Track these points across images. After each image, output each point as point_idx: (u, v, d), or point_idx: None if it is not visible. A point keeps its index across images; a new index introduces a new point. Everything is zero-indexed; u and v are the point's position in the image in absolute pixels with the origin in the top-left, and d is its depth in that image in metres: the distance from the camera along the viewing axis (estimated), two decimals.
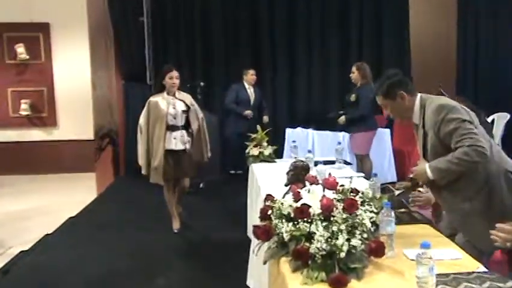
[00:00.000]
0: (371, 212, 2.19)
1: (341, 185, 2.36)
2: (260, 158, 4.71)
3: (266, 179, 3.92)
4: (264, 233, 2.24)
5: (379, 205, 2.30)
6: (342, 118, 6.33)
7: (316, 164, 4.00)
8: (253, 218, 3.88)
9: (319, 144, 7.00)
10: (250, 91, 7.21)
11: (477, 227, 2.58)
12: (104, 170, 8.17)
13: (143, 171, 5.11)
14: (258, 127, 4.92)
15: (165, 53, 8.38)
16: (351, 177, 2.39)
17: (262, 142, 4.76)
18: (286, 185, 2.95)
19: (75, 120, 8.58)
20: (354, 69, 6.26)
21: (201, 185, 6.92)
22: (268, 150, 4.72)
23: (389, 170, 7.00)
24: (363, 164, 6.28)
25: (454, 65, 8.57)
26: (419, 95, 2.80)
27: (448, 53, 8.47)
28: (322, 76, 8.43)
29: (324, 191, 2.32)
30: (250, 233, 3.77)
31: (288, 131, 7.25)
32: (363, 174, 3.97)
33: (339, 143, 4.48)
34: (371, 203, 2.28)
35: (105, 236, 5.39)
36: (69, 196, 7.20)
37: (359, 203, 2.20)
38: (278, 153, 5.19)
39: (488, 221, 2.41)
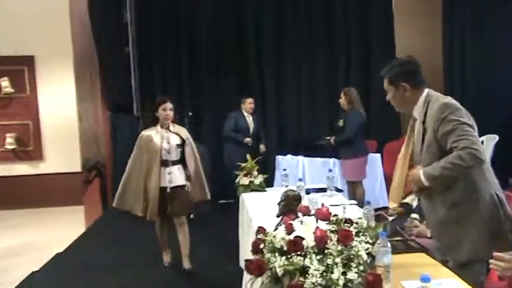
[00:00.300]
0: (366, 242, 2.12)
1: (334, 215, 2.29)
2: (251, 188, 4.62)
3: (257, 210, 3.83)
4: (257, 268, 2.15)
5: (375, 235, 2.22)
6: (332, 139, 6.36)
7: (307, 192, 3.93)
8: (245, 250, 3.79)
9: (309, 171, 6.95)
10: (249, 119, 7.15)
11: (453, 235, 2.62)
12: (92, 203, 8.03)
13: (138, 212, 4.85)
14: (248, 156, 4.84)
15: (151, 83, 8.34)
16: (344, 206, 2.32)
17: (252, 171, 4.68)
18: (277, 216, 2.87)
19: (61, 153, 8.48)
20: (341, 94, 6.30)
21: (192, 216, 6.80)
22: (258, 179, 4.63)
23: (380, 195, 6.94)
24: (355, 191, 6.22)
25: (441, 79, 8.61)
26: (426, 90, 2.74)
27: (435, 68, 8.52)
28: (311, 102, 8.43)
29: (317, 222, 2.24)
30: (242, 264, 3.68)
31: (278, 158, 7.20)
32: (355, 202, 3.90)
33: (330, 170, 4.43)
34: (366, 233, 2.20)
35: (93, 272, 5.24)
36: (58, 231, 7.04)
37: (354, 233, 2.12)
38: (269, 182, 5.11)
39: (465, 231, 2.52)
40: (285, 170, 4.76)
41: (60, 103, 8.41)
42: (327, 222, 2.24)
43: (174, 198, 4.81)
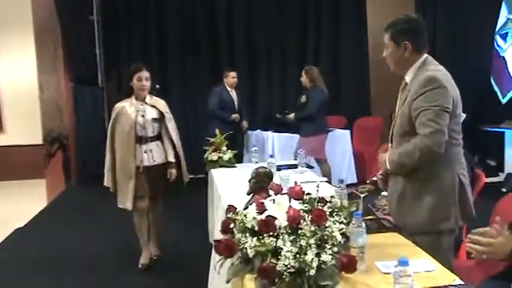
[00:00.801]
0: (340, 223, 2.04)
1: (307, 194, 2.20)
2: (219, 163, 4.51)
3: (226, 187, 3.73)
4: (227, 248, 2.05)
5: (349, 214, 2.15)
6: (291, 115, 6.36)
7: (278, 168, 3.85)
8: (215, 227, 3.70)
9: (279, 147, 6.88)
10: (233, 94, 6.79)
11: (410, 206, 2.57)
12: (55, 177, 7.80)
13: (111, 189, 4.29)
14: (217, 131, 4.71)
15: (117, 54, 8.05)
16: (317, 184, 2.23)
17: (221, 146, 4.56)
18: (248, 194, 2.77)
19: (22, 124, 8.18)
20: (302, 73, 6.29)
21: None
22: (227, 155, 4.52)
23: (349, 172, 6.94)
24: (321, 169, 6.18)
25: None
26: (425, 55, 2.60)
27: None
28: (282, 77, 8.27)
29: (290, 201, 2.15)
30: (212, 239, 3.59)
31: (248, 133, 7.08)
32: (326, 179, 3.84)
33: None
34: (340, 213, 2.12)
35: (54, 249, 5.07)
36: (18, 205, 6.82)
37: (327, 213, 2.04)
38: (238, 158, 4.99)
39: (423, 201, 2.50)
40: (254, 146, 4.64)
41: (20, 73, 8.10)
42: (300, 201, 2.15)
43: (153, 178, 4.24)
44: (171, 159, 4.25)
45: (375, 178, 4.31)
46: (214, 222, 3.79)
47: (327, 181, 3.81)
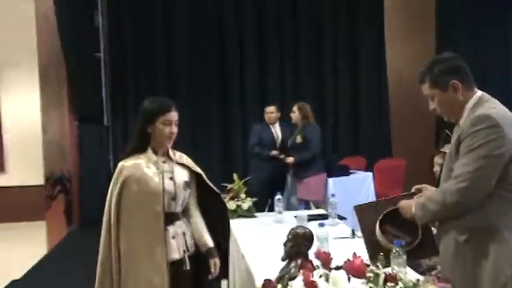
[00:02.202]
0: None
1: (370, 269, 1.75)
2: (238, 213, 4.05)
3: (249, 243, 3.27)
4: None
5: None
6: (290, 159, 5.81)
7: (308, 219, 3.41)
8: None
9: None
10: (274, 130, 6.21)
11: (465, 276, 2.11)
12: (56, 220, 7.42)
13: None
14: (235, 176, 4.26)
15: (124, 92, 7.71)
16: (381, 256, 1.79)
17: (239, 193, 4.12)
18: (283, 260, 2.32)
19: (24, 164, 7.82)
20: (294, 108, 5.87)
21: None
22: (247, 203, 4.07)
23: None
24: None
25: None
26: (479, 92, 2.23)
27: None
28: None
29: (349, 279, 1.70)
30: None
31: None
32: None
33: (333, 195, 3.86)
34: None
35: None
36: (17, 249, 6.39)
37: None
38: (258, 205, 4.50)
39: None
40: (278, 192, 4.15)
41: (24, 111, 7.77)
42: (363, 279, 1.70)
43: (191, 275, 2.69)
44: (210, 243, 2.74)
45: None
46: (235, 283, 3.31)
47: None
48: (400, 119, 7.77)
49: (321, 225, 2.71)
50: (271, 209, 4.30)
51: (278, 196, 3.94)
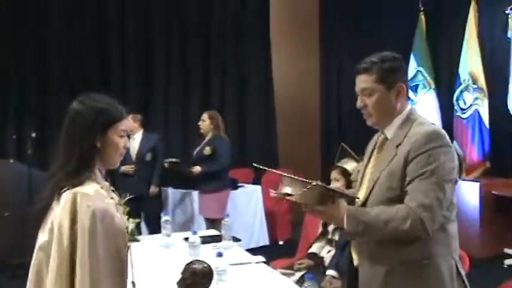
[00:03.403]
0: None
1: None
2: None
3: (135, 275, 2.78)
4: None
5: None
6: (197, 168, 5.22)
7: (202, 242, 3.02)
8: None
9: (175, 205, 6.04)
10: (133, 140, 5.56)
11: None
12: None
13: None
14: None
15: None
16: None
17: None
18: None
19: None
20: (205, 117, 5.33)
21: None
22: (129, 226, 3.55)
23: (261, 233, 6.18)
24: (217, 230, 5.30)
25: (318, 104, 8.30)
26: (410, 106, 2.01)
27: (313, 91, 8.22)
28: (183, 122, 7.30)
29: None
30: None
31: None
32: (262, 259, 3.03)
33: (227, 215, 3.46)
34: None
35: None
36: None
37: None
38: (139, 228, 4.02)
39: None
40: (165, 213, 3.68)
41: None
42: None
43: None
44: None
45: (311, 250, 3.64)
46: None
47: (263, 262, 3.01)
48: (286, 130, 7.70)
49: (219, 255, 2.34)
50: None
51: (166, 217, 3.49)
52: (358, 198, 1.98)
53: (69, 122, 1.74)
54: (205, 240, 3.32)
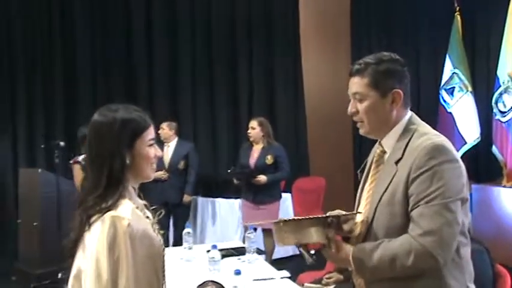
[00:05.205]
0: None
1: None
2: None
3: None
4: None
5: None
6: (263, 177, 5.02)
7: (223, 255, 2.91)
8: None
9: (221, 216, 5.95)
10: (167, 148, 5.56)
11: None
12: None
13: None
14: None
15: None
16: None
17: None
18: None
19: None
20: (254, 124, 5.15)
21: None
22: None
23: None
24: (267, 243, 5.16)
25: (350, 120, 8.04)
26: (410, 113, 1.81)
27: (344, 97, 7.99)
28: (212, 136, 7.22)
29: None
30: None
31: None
32: (287, 275, 2.88)
33: (255, 229, 3.31)
34: None
35: None
36: None
37: None
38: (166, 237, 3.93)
39: None
40: (187, 225, 3.59)
41: None
42: None
43: None
44: None
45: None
46: None
47: (288, 277, 2.86)
48: (316, 136, 7.52)
49: (238, 273, 2.21)
50: None
51: (187, 229, 3.38)
52: (360, 212, 1.80)
53: (93, 136, 1.61)
54: (228, 253, 3.20)
